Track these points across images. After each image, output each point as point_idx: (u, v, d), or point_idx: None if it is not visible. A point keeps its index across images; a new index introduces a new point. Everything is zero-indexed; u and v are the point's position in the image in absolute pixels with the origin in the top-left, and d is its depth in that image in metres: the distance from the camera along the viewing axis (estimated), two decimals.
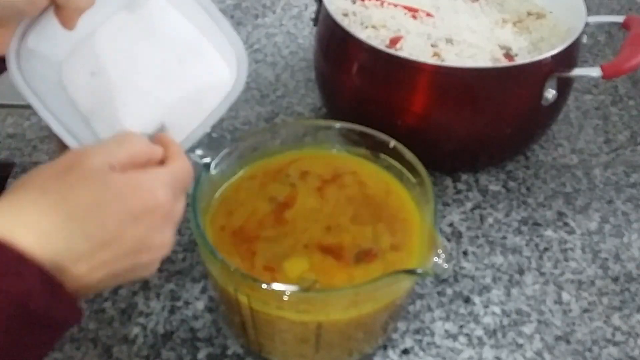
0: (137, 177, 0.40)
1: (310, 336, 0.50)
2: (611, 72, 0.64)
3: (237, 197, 0.56)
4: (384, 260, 0.51)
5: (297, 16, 0.99)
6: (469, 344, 0.57)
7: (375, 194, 0.57)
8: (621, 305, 0.61)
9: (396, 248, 0.52)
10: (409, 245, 0.52)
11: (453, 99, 0.65)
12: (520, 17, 0.76)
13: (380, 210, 0.55)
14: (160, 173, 0.41)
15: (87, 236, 0.36)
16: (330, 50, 0.72)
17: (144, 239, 0.39)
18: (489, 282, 0.62)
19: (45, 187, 0.37)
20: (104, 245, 0.37)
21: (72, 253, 0.36)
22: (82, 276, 0.37)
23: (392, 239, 0.53)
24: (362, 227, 0.54)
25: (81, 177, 0.37)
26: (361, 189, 0.57)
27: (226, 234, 0.53)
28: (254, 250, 0.51)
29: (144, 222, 0.39)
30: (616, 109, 0.84)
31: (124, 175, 0.39)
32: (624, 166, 0.76)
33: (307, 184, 0.57)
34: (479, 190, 0.72)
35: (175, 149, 0.44)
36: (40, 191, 0.37)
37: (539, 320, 0.59)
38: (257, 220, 0.54)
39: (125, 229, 0.38)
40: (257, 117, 0.80)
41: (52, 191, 0.37)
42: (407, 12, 0.75)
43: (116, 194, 0.38)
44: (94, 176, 0.38)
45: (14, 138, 0.76)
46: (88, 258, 0.37)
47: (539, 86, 0.65)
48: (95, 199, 0.37)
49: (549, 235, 0.67)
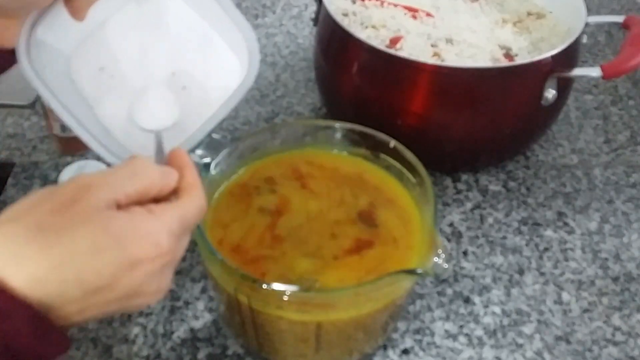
0: (141, 221, 0.37)
1: (310, 336, 0.50)
2: (611, 72, 0.64)
3: (232, 209, 0.55)
4: (383, 260, 0.51)
5: (297, 16, 0.99)
6: (469, 344, 0.57)
7: (375, 194, 0.57)
8: (621, 305, 0.61)
9: (396, 248, 0.52)
10: (409, 245, 0.52)
11: (453, 99, 0.65)
12: (520, 17, 0.76)
13: (380, 210, 0.55)
14: (167, 217, 0.38)
15: (80, 282, 0.34)
16: (330, 50, 0.72)
17: (140, 286, 0.37)
18: (489, 282, 0.62)
19: (43, 223, 0.35)
20: (97, 291, 0.35)
21: (64, 297, 0.34)
22: (71, 316, 0.35)
23: (392, 239, 0.53)
24: (362, 227, 0.54)
25: (82, 215, 0.35)
26: (361, 188, 0.57)
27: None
28: (263, 271, 0.50)
29: (142, 270, 0.36)
30: (616, 109, 0.84)
31: (127, 217, 0.36)
32: (624, 166, 0.76)
33: (304, 186, 0.57)
34: (479, 190, 0.72)
35: (190, 179, 0.41)
36: (37, 227, 0.34)
37: (539, 320, 0.59)
38: (257, 238, 0.53)
39: (121, 276, 0.36)
40: (257, 117, 0.80)
41: (49, 229, 0.34)
42: (407, 12, 0.74)
43: (116, 239, 0.35)
44: (95, 216, 0.35)
45: (14, 138, 0.76)
46: (79, 301, 0.35)
47: (539, 86, 0.65)
48: (93, 242, 0.35)
49: (549, 235, 0.67)
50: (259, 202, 0.55)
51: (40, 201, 0.36)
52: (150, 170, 0.39)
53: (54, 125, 0.71)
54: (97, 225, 0.35)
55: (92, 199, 0.35)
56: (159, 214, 0.37)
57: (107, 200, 0.36)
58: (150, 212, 0.37)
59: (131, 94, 0.48)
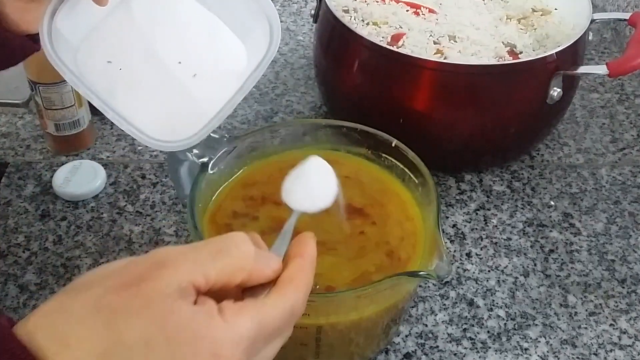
0: (205, 320, 0.31)
1: (310, 340, 0.49)
2: (617, 70, 0.64)
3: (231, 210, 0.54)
4: (385, 262, 0.50)
5: (297, 13, 0.98)
6: (473, 347, 0.56)
7: (377, 194, 0.56)
8: (628, 308, 0.60)
9: (398, 249, 0.51)
10: (411, 247, 0.51)
11: (456, 97, 0.65)
12: (525, 13, 0.76)
13: (381, 210, 0.54)
14: (240, 320, 0.31)
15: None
16: (330, 48, 0.71)
17: None
18: (493, 285, 0.61)
19: (102, 300, 0.31)
20: None
21: None
22: None
23: (394, 240, 0.52)
24: (364, 229, 0.53)
25: (144, 299, 0.31)
26: (362, 189, 0.56)
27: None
28: None
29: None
30: (622, 108, 0.84)
31: (191, 312, 0.31)
32: (631, 166, 0.75)
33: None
34: (483, 191, 0.71)
35: (294, 271, 0.35)
36: (95, 305, 0.31)
37: (544, 323, 0.58)
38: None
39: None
40: (255, 116, 0.79)
41: (105, 310, 0.31)
42: (410, 9, 0.74)
43: (169, 338, 0.30)
44: (158, 303, 0.30)
45: (8, 137, 0.75)
46: None
47: (544, 84, 0.65)
48: (144, 335, 0.30)
49: (555, 236, 0.66)
50: (258, 202, 0.54)
51: (112, 273, 0.32)
52: (244, 248, 0.33)
53: (48, 124, 0.70)
54: (155, 315, 0.30)
55: (162, 281, 0.31)
56: (230, 315, 0.31)
57: (179, 283, 0.31)
58: (220, 311, 0.31)
59: (137, 85, 0.48)
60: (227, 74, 0.50)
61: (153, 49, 0.49)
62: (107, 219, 0.65)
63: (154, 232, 0.64)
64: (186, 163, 0.53)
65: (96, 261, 0.61)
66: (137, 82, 0.48)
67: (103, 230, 0.64)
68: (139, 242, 0.63)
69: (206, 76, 0.49)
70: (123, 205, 0.67)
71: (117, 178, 0.70)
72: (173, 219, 0.66)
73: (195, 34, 0.50)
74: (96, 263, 0.61)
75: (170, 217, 0.66)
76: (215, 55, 0.50)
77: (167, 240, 0.64)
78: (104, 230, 0.64)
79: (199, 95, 0.49)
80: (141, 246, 0.63)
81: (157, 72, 0.48)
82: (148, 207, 0.67)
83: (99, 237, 0.64)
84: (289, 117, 0.79)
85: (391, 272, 0.47)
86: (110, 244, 0.63)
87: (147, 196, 0.68)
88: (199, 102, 0.49)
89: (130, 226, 0.65)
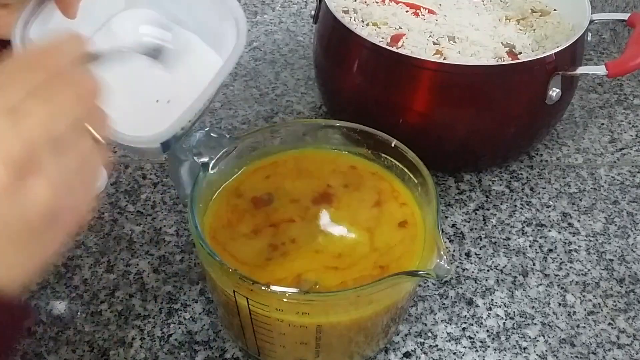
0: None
1: (310, 339, 0.49)
2: (616, 70, 0.64)
3: (231, 210, 0.54)
4: (384, 262, 0.50)
5: (297, 13, 0.98)
6: (472, 347, 0.56)
7: (376, 194, 0.56)
8: (626, 308, 0.60)
9: (398, 249, 0.51)
10: (411, 247, 0.52)
11: (456, 98, 0.65)
12: (524, 14, 0.76)
13: (381, 210, 0.54)
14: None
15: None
16: (330, 48, 0.71)
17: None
18: (492, 284, 0.61)
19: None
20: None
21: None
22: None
23: (394, 240, 0.52)
24: (364, 229, 0.53)
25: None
26: (362, 189, 0.56)
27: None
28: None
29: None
30: (621, 108, 0.84)
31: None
32: (630, 166, 0.75)
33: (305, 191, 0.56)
34: (482, 191, 0.71)
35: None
36: None
37: (543, 322, 0.58)
38: (258, 249, 0.51)
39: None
40: (256, 116, 0.79)
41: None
42: (409, 9, 0.74)
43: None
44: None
45: None
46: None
47: (543, 84, 0.65)
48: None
49: (553, 236, 0.66)
50: (258, 203, 0.55)
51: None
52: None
53: None
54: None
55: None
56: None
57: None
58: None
59: (114, 85, 0.48)
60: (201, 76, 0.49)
61: (128, 58, 0.48)
62: (108, 219, 0.66)
63: (154, 232, 0.64)
64: (187, 163, 0.53)
65: (97, 261, 0.62)
66: (110, 81, 0.48)
67: (104, 229, 0.65)
68: (139, 242, 0.63)
69: (180, 86, 0.49)
70: (124, 205, 0.67)
71: (118, 178, 0.70)
72: (174, 219, 0.66)
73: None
74: (97, 263, 0.61)
75: (171, 216, 0.66)
76: (190, 69, 0.50)
77: (168, 240, 0.64)
78: (105, 230, 0.65)
79: (170, 95, 0.49)
80: (142, 246, 0.63)
81: (131, 75, 0.47)
82: (149, 207, 0.67)
83: (100, 237, 0.64)
84: (289, 118, 0.79)
85: (390, 272, 0.47)
86: (111, 244, 0.63)
87: (148, 196, 0.68)
88: (176, 94, 0.48)
89: (131, 226, 0.65)
